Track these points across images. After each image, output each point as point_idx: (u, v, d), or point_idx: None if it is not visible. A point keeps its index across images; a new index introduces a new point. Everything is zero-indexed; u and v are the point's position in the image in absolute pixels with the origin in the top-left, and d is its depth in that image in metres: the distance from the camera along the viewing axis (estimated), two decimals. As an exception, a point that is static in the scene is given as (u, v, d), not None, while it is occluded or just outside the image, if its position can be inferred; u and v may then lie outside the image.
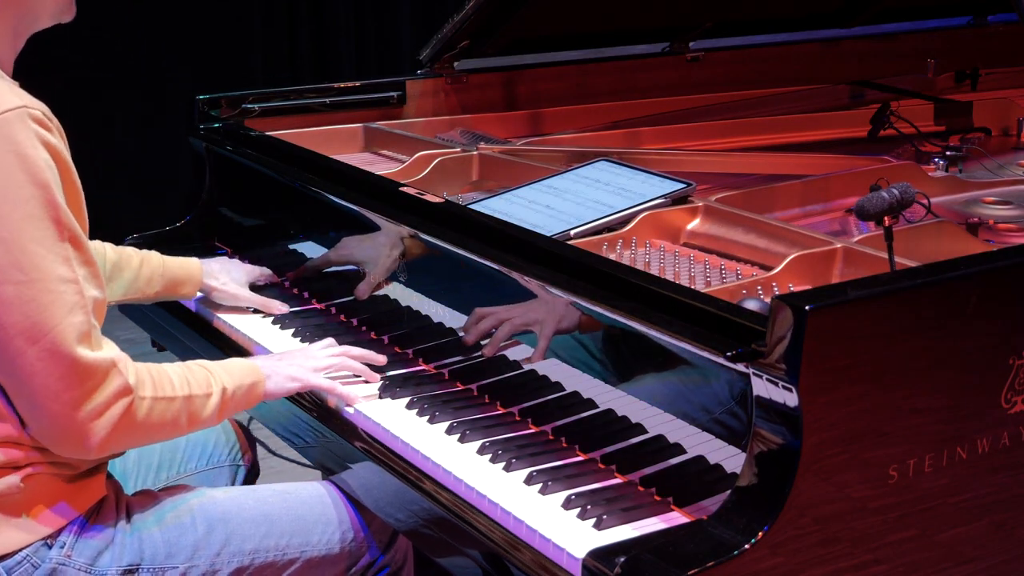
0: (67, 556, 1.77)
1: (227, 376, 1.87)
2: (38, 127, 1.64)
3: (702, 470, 1.63)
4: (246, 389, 1.89)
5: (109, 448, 1.72)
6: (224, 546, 1.88)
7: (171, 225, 2.76)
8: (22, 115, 1.63)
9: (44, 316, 1.62)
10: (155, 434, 1.79)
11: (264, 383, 1.92)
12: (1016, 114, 2.99)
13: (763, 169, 2.60)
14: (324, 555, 1.96)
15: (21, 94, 1.66)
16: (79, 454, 1.72)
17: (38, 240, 1.62)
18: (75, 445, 1.69)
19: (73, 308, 1.64)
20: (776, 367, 1.46)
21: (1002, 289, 1.62)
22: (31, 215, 1.62)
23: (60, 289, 1.63)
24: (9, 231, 1.61)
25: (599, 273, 1.78)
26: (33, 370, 1.63)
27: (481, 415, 1.92)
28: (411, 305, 2.16)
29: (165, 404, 1.75)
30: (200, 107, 2.75)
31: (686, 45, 3.22)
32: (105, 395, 1.67)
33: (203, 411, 1.82)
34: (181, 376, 1.80)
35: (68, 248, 1.66)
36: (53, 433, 1.68)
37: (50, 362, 1.63)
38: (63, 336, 1.63)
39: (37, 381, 1.63)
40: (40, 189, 1.62)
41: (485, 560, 1.68)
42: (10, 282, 1.61)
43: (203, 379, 1.83)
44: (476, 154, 2.60)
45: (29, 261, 1.62)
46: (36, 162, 1.62)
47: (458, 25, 2.82)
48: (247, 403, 1.91)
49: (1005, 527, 1.66)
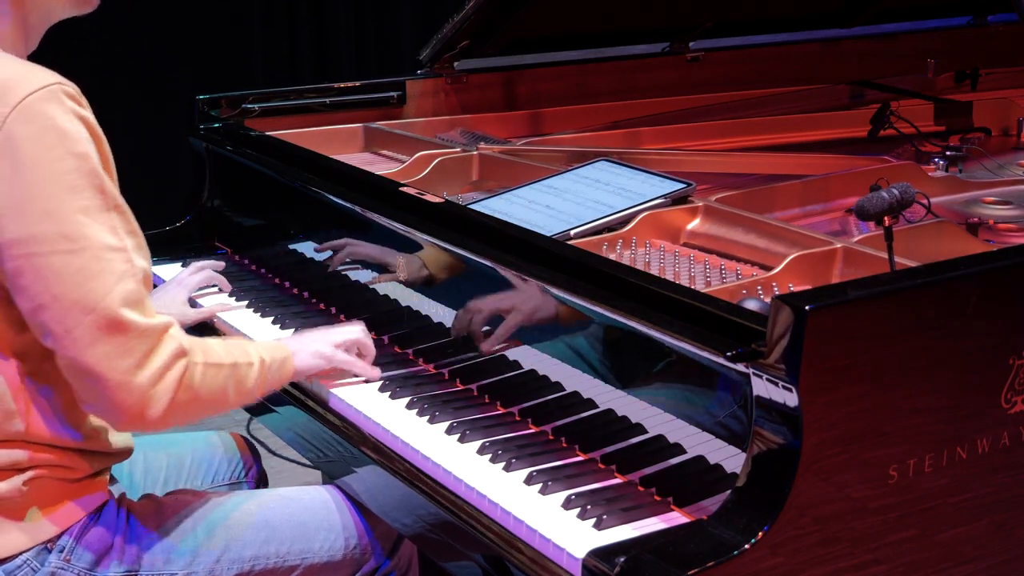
0: (67, 560, 1.76)
1: (264, 349, 1.87)
2: (72, 103, 1.65)
3: (702, 470, 1.63)
4: (279, 363, 1.89)
5: (171, 417, 1.68)
6: (224, 552, 1.87)
7: (171, 225, 2.76)
8: (56, 91, 1.63)
9: (95, 284, 1.61)
10: (209, 403, 1.75)
11: (293, 359, 1.92)
12: (1016, 114, 2.99)
13: (763, 169, 2.60)
14: (326, 561, 1.95)
15: (51, 72, 1.66)
16: (140, 425, 1.68)
17: (83, 210, 1.62)
18: (137, 415, 1.66)
19: (123, 276, 1.63)
20: (776, 367, 1.46)
21: (1002, 289, 1.62)
22: (74, 186, 1.61)
23: (109, 257, 1.62)
24: (55, 203, 1.60)
25: (599, 273, 1.78)
26: (90, 339, 1.61)
27: (481, 415, 1.92)
28: (411, 305, 2.16)
29: (215, 370, 1.74)
30: (200, 107, 2.75)
31: (686, 45, 3.22)
32: (162, 359, 1.65)
33: (247, 380, 1.81)
34: (224, 346, 1.80)
35: (114, 217, 1.65)
36: (115, 404, 1.65)
37: (107, 330, 1.61)
38: (116, 303, 1.61)
39: (95, 350, 1.61)
40: (81, 160, 1.62)
41: (485, 560, 1.68)
42: (58, 252, 1.60)
43: (242, 349, 1.83)
44: (476, 154, 2.60)
45: (76, 230, 1.61)
46: (74, 134, 1.62)
47: (458, 25, 2.82)
48: (280, 379, 1.91)
49: (1005, 527, 1.66)
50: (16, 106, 1.60)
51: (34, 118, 1.61)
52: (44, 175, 1.60)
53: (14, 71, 1.65)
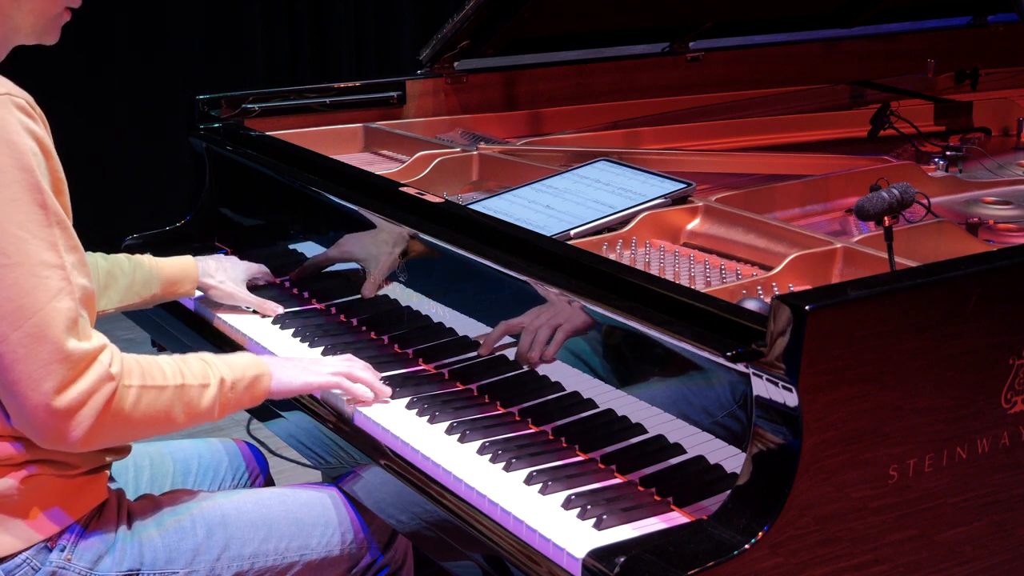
0: (67, 560, 1.76)
1: (227, 368, 1.82)
2: (22, 115, 1.62)
3: (702, 470, 1.63)
4: (248, 383, 1.85)
5: (95, 440, 1.67)
6: (224, 550, 1.87)
7: (171, 225, 2.76)
8: (5, 102, 1.61)
9: (27, 300, 1.59)
10: (147, 426, 1.72)
11: (269, 378, 1.88)
12: (1016, 114, 2.99)
13: (763, 169, 2.60)
14: (324, 557, 1.95)
15: (4, 82, 1.64)
16: (62, 446, 1.67)
17: (21, 224, 1.59)
18: (57, 437, 1.65)
19: (59, 294, 1.61)
20: (776, 367, 1.46)
21: (1002, 289, 1.62)
22: (14, 199, 1.59)
23: (45, 274, 1.60)
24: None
25: (599, 273, 1.78)
26: (15, 356, 1.59)
27: (481, 415, 1.92)
28: (411, 305, 2.16)
29: (155, 393, 1.71)
30: (200, 107, 2.75)
31: (686, 45, 3.22)
32: (86, 383, 1.63)
33: (199, 402, 1.77)
34: (174, 366, 1.76)
35: (55, 233, 1.63)
36: (34, 424, 1.64)
37: (32, 347, 1.59)
38: (46, 321, 1.59)
39: (19, 368, 1.60)
40: (24, 173, 1.60)
41: (485, 560, 1.68)
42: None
43: (199, 370, 1.79)
44: (476, 154, 2.60)
45: (11, 244, 1.59)
46: (19, 147, 1.60)
47: (458, 25, 2.82)
48: (251, 399, 1.86)
49: (1005, 527, 1.66)
50: None
51: None
52: None
53: None
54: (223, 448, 2.23)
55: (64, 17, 1.80)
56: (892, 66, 3.33)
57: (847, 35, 3.39)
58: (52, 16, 1.78)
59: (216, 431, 3.82)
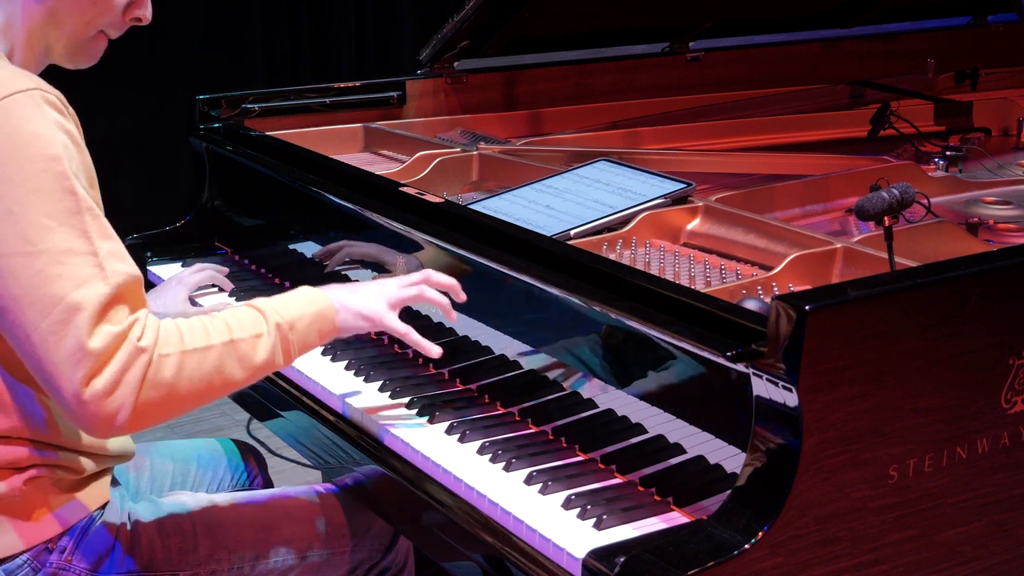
0: (68, 561, 1.76)
1: (282, 309, 1.72)
2: (51, 110, 1.62)
3: (702, 470, 1.63)
4: (310, 320, 1.74)
5: (145, 418, 1.59)
6: (224, 552, 1.88)
7: (171, 225, 2.76)
8: (34, 96, 1.60)
9: (52, 288, 1.55)
10: (200, 392, 1.63)
11: (333, 311, 1.77)
12: (1016, 114, 2.99)
13: (763, 169, 2.60)
14: (325, 559, 1.95)
15: (36, 79, 1.64)
16: (113, 432, 1.60)
17: (47, 212, 1.57)
18: (102, 424, 1.57)
19: (87, 281, 1.56)
20: (776, 367, 1.46)
21: (1002, 289, 1.62)
22: (40, 188, 1.57)
23: (72, 261, 1.56)
24: (18, 204, 1.56)
25: (599, 273, 1.78)
26: (47, 346, 1.55)
27: (481, 415, 1.92)
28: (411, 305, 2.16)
29: (200, 356, 1.62)
30: (200, 107, 2.75)
31: (686, 45, 3.22)
32: (116, 365, 1.55)
33: (255, 354, 1.67)
34: (220, 322, 1.67)
35: (86, 221, 1.59)
36: (76, 416, 1.58)
37: (61, 336, 1.54)
38: (73, 308, 1.55)
39: (51, 358, 1.55)
40: (51, 163, 1.58)
41: (485, 560, 1.68)
42: (17, 253, 1.56)
43: (249, 319, 1.69)
44: (476, 154, 2.60)
45: (36, 233, 1.56)
46: (46, 138, 1.59)
47: (458, 25, 2.82)
48: (319, 336, 1.76)
49: (1005, 527, 1.66)
50: None
51: (7, 120, 1.58)
52: (9, 175, 1.56)
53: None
54: (222, 448, 2.23)
55: (99, 42, 1.80)
56: (892, 66, 3.33)
57: (847, 35, 3.39)
58: (84, 39, 1.78)
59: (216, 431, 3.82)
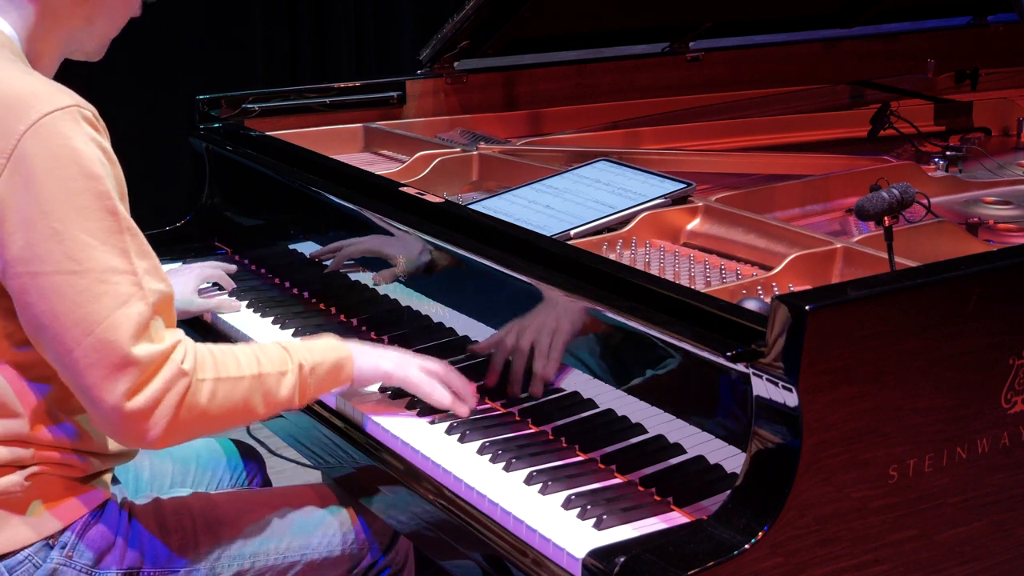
0: (68, 557, 1.77)
1: (306, 353, 1.80)
2: (88, 127, 1.65)
3: (702, 470, 1.63)
4: (329, 367, 1.82)
5: (174, 436, 1.66)
6: (224, 550, 1.88)
7: (171, 225, 2.76)
8: (74, 113, 1.64)
9: (96, 307, 1.59)
10: (226, 418, 1.71)
11: (351, 362, 1.85)
12: (1016, 114, 2.99)
13: (763, 169, 2.60)
14: (325, 557, 1.96)
15: (72, 94, 1.67)
16: (143, 445, 1.68)
17: (91, 231, 1.61)
18: (136, 437, 1.65)
19: (129, 300, 1.61)
20: (776, 367, 1.46)
21: (1002, 289, 1.62)
22: (84, 207, 1.61)
23: (114, 280, 1.61)
24: (62, 223, 1.60)
25: (599, 273, 1.78)
26: (89, 362, 1.60)
27: (481, 415, 1.92)
28: (411, 305, 2.16)
29: (231, 385, 1.70)
30: (200, 107, 2.75)
31: (686, 45, 3.22)
32: (159, 384, 1.62)
33: (278, 391, 1.75)
34: (250, 355, 1.75)
35: (126, 240, 1.64)
36: (113, 428, 1.64)
37: (103, 352, 1.59)
38: (115, 326, 1.60)
39: (93, 373, 1.60)
40: (93, 181, 1.62)
41: (485, 560, 1.68)
42: (62, 272, 1.60)
43: (277, 356, 1.77)
44: (476, 154, 2.60)
45: (81, 251, 1.60)
46: (88, 156, 1.62)
47: (458, 25, 2.82)
48: (333, 383, 1.84)
49: (1005, 527, 1.66)
50: (33, 124, 1.60)
51: (49, 137, 1.61)
52: (54, 194, 1.60)
53: (35, 88, 1.65)
54: (221, 448, 2.23)
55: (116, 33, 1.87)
56: (892, 66, 3.32)
57: (847, 35, 3.39)
58: (111, 35, 1.86)
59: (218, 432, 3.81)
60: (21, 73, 1.69)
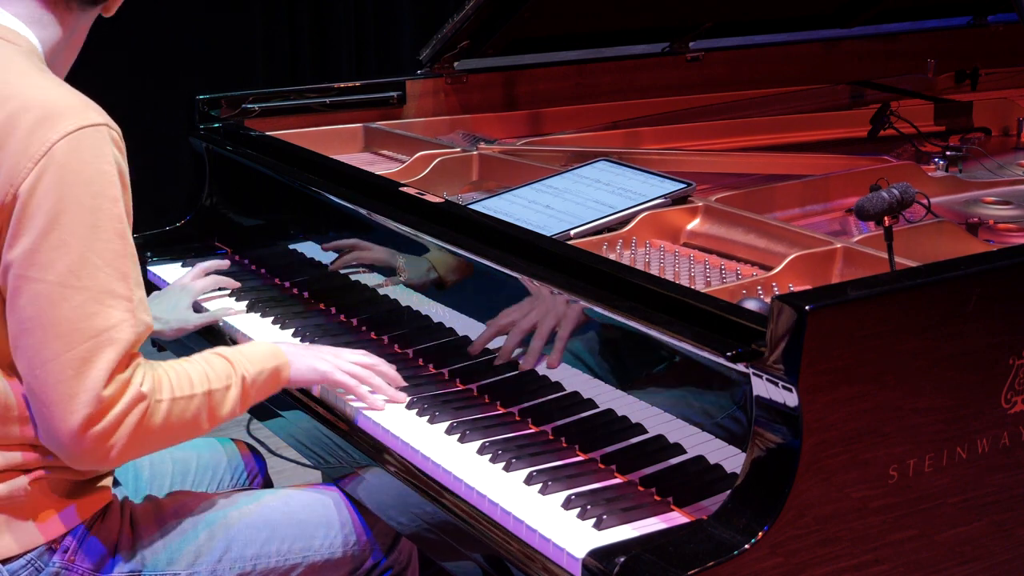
0: (70, 561, 1.76)
1: (247, 363, 1.83)
2: (115, 149, 1.67)
3: (702, 470, 1.63)
4: (268, 375, 1.85)
5: (128, 456, 1.69)
6: (225, 552, 1.88)
7: (171, 225, 2.76)
8: (104, 133, 1.66)
9: (85, 325, 1.61)
10: (176, 435, 1.74)
11: (288, 368, 1.89)
12: (1016, 114, 2.99)
13: (763, 169, 2.60)
14: (327, 559, 1.95)
15: (102, 112, 1.69)
16: (96, 467, 1.71)
17: (98, 251, 1.62)
18: (91, 460, 1.67)
19: (119, 325, 1.63)
20: (776, 367, 1.46)
21: (1002, 289, 1.62)
22: (97, 225, 1.63)
23: (109, 303, 1.62)
24: (73, 236, 1.61)
25: (599, 273, 1.78)
26: (61, 377, 1.60)
27: (481, 415, 1.92)
28: (411, 305, 2.16)
29: (184, 403, 1.72)
30: (200, 107, 2.75)
31: (686, 45, 3.22)
32: (119, 409, 1.63)
33: (223, 405, 1.78)
34: (201, 371, 1.77)
35: (128, 266, 1.66)
36: (67, 450, 1.65)
37: (79, 371, 1.60)
38: (98, 349, 1.61)
39: (60, 390, 1.60)
40: (110, 203, 1.64)
41: (485, 560, 1.68)
42: (61, 284, 1.60)
43: (223, 371, 1.79)
44: (476, 154, 2.60)
45: (84, 269, 1.61)
46: (110, 176, 1.64)
47: (458, 25, 2.82)
48: (271, 388, 1.87)
49: (1005, 527, 1.66)
50: (64, 136, 1.62)
51: (77, 151, 1.62)
52: (71, 207, 1.61)
53: (69, 101, 1.67)
54: (222, 448, 2.23)
55: None
56: (892, 66, 3.32)
57: (847, 35, 3.39)
58: None
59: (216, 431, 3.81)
60: (55, 84, 1.71)
